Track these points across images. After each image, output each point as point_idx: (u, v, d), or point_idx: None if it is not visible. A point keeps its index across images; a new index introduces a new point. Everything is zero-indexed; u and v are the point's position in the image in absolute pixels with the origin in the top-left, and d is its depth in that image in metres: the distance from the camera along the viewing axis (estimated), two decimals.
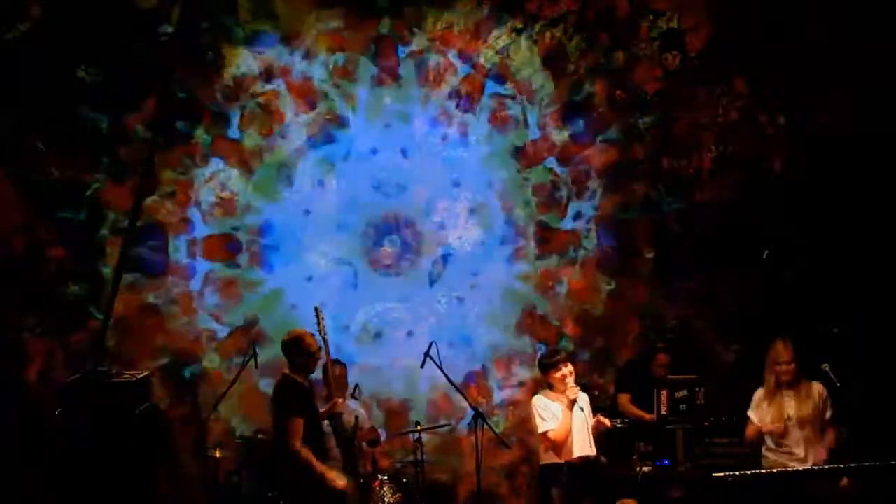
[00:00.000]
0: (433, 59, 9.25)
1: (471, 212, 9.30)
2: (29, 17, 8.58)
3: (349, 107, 9.20)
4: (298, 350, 7.12)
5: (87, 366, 7.68)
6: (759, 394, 7.49)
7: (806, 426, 7.31)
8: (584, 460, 7.34)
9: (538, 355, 7.72)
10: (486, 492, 8.26)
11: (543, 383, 7.58)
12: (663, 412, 7.93)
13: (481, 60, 9.28)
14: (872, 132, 9.05)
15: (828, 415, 7.32)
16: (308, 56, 9.11)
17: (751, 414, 7.49)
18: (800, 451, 7.29)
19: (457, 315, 9.24)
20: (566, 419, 7.28)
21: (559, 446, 7.33)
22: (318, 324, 7.47)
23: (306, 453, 6.92)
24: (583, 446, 7.37)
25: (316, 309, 7.58)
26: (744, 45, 9.30)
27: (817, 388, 7.35)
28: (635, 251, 9.39)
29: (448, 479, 8.94)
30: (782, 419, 7.33)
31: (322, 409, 7.30)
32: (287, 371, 7.14)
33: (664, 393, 7.91)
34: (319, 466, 6.96)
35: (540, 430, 7.39)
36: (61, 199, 8.67)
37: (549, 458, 7.39)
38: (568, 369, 7.41)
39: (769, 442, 7.42)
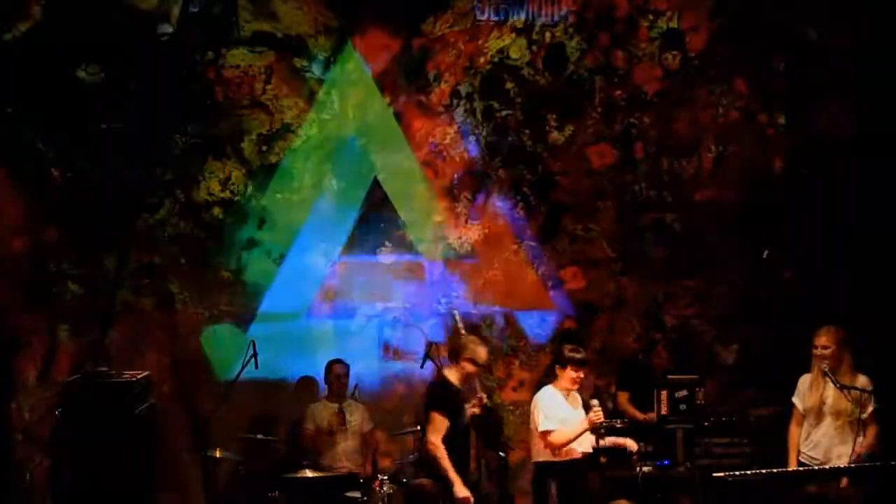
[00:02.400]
0: (433, 59, 9.25)
1: (471, 211, 9.30)
2: (29, 17, 8.58)
3: (349, 106, 9.20)
4: (457, 352, 7.32)
5: (87, 366, 7.67)
6: (803, 379, 7.40)
7: (840, 418, 7.21)
8: (584, 456, 7.38)
9: (560, 347, 7.72)
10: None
11: (550, 373, 7.61)
12: (663, 412, 7.94)
13: (481, 60, 9.28)
14: (872, 132, 9.07)
15: (867, 412, 7.14)
16: (308, 56, 9.11)
17: (795, 400, 7.39)
18: (826, 444, 7.22)
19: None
20: (576, 431, 7.33)
21: (556, 449, 7.37)
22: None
23: (439, 449, 7.05)
24: (583, 444, 7.40)
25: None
26: (744, 45, 9.32)
27: (861, 382, 7.20)
28: (636, 251, 9.39)
29: None
30: (819, 403, 7.28)
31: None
32: (445, 369, 7.41)
33: (664, 393, 7.92)
34: (447, 467, 7.05)
35: (540, 428, 7.39)
36: (61, 199, 8.67)
37: (545, 455, 7.42)
38: (582, 373, 7.48)
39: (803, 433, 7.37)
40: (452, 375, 7.24)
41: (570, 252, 9.39)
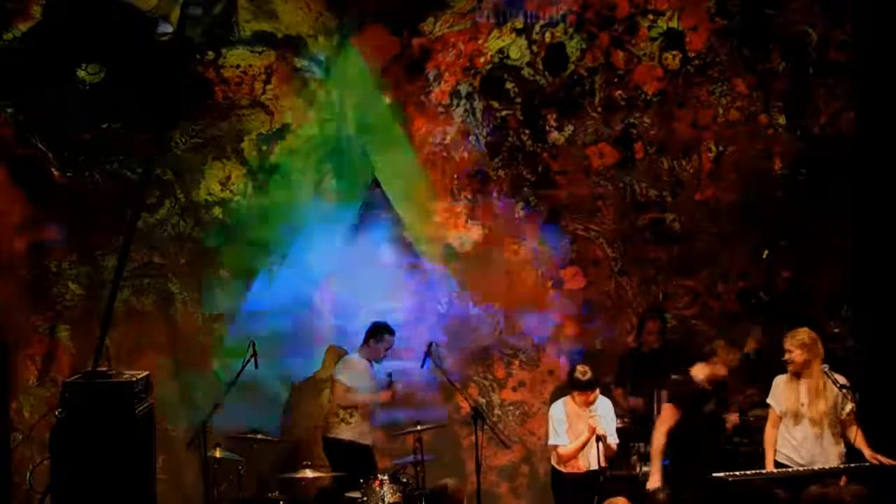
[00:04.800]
0: (433, 60, 9.25)
1: (470, 212, 9.30)
2: (29, 17, 8.59)
3: (349, 106, 9.20)
4: (709, 355, 7.58)
5: (87, 366, 7.67)
6: (777, 381, 7.41)
7: (820, 421, 7.20)
8: (588, 472, 7.49)
9: (572, 368, 7.75)
10: (486, 492, 8.27)
11: (566, 390, 7.70)
12: None
13: (481, 60, 9.28)
14: (873, 133, 9.08)
15: (846, 410, 7.15)
16: (308, 56, 9.11)
17: (770, 401, 7.43)
18: (809, 447, 7.20)
19: (457, 315, 9.26)
20: (580, 443, 7.45)
21: (564, 461, 7.54)
22: None
23: (656, 440, 7.42)
24: (590, 460, 7.50)
25: None
26: (744, 45, 9.33)
27: (838, 380, 7.18)
28: (636, 251, 9.39)
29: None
30: (796, 405, 7.26)
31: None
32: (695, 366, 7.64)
33: (664, 393, 7.92)
34: (653, 458, 7.44)
35: (550, 442, 7.62)
36: (61, 199, 8.67)
37: (559, 466, 7.60)
38: (594, 395, 7.53)
39: (781, 435, 7.35)
40: (700, 373, 7.46)
41: (570, 252, 9.39)
